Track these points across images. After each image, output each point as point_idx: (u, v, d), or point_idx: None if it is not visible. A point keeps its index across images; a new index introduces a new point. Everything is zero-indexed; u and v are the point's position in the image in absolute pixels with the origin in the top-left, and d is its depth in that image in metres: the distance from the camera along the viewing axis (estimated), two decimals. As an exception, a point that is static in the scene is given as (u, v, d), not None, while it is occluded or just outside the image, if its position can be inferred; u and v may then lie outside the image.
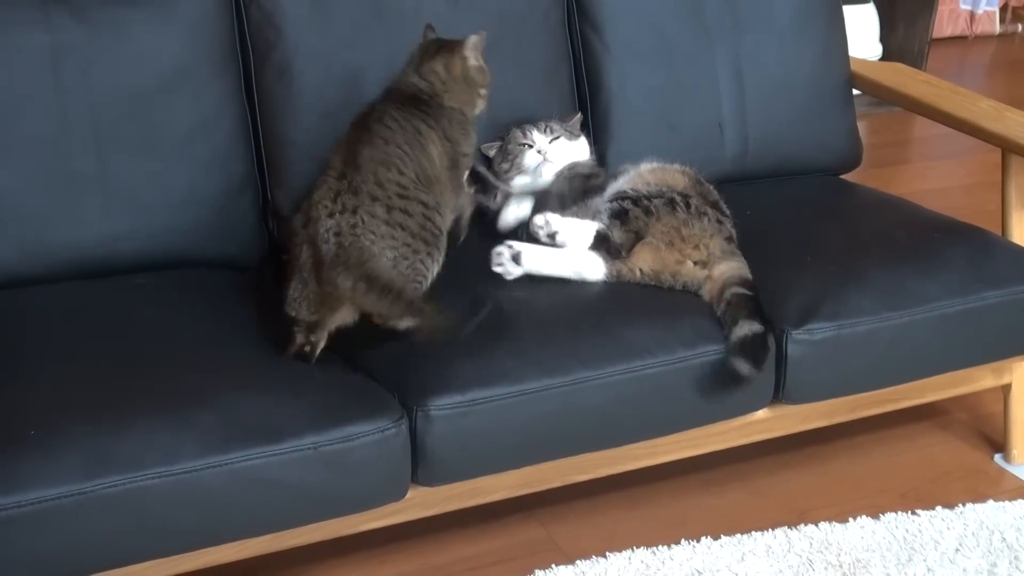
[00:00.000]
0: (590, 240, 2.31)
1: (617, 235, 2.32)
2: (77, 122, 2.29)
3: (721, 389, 2.22)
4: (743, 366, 2.21)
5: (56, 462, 1.81)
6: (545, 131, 2.50)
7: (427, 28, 2.34)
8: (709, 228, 2.34)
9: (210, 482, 1.88)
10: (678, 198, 2.36)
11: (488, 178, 2.47)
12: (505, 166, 2.50)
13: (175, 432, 1.89)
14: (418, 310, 2.08)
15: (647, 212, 2.33)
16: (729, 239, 2.38)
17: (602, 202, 2.40)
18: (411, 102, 2.24)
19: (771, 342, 2.26)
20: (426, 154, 2.20)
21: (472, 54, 2.28)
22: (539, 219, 2.33)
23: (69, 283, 2.29)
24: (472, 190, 2.38)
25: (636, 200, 2.36)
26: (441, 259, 2.19)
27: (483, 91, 2.31)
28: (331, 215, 2.09)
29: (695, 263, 2.32)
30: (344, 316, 2.11)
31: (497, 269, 2.28)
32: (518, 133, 2.51)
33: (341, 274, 2.06)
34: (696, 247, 2.32)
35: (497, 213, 2.49)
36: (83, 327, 2.15)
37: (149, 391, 1.96)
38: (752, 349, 2.22)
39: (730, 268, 2.32)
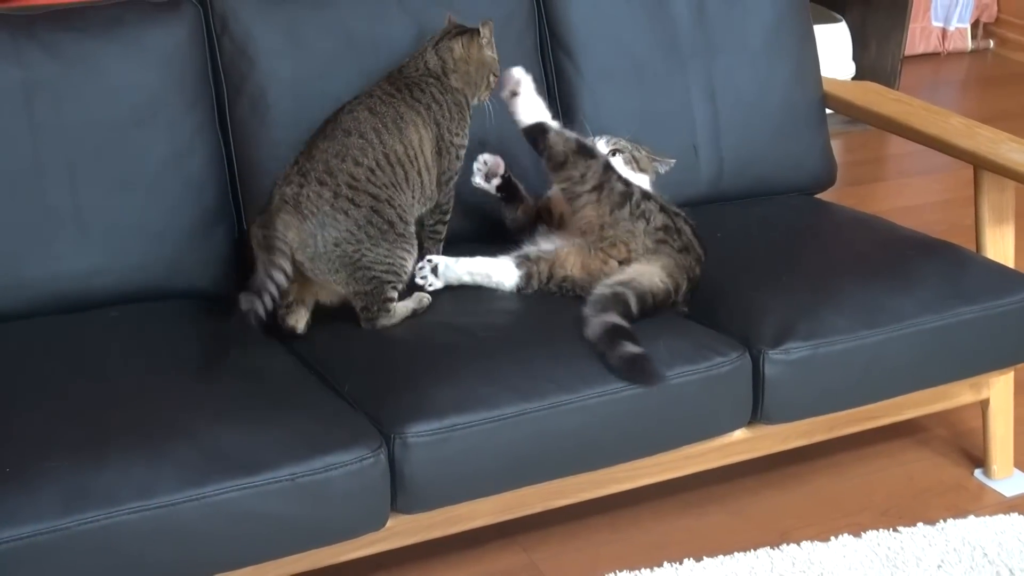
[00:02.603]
0: (532, 121, 2.32)
1: (554, 139, 2.32)
2: (51, 157, 2.29)
3: (636, 380, 2.16)
4: (630, 347, 2.15)
5: (32, 499, 1.81)
6: (611, 143, 2.51)
7: (448, 19, 2.41)
8: (639, 228, 2.33)
9: (188, 516, 1.87)
10: (638, 194, 2.35)
11: (519, 188, 2.47)
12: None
13: (152, 466, 1.88)
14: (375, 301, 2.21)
15: (597, 188, 2.32)
16: (661, 241, 2.35)
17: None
18: (408, 87, 2.33)
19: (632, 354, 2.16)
20: (402, 138, 2.27)
21: (484, 40, 2.36)
22: (515, 71, 2.35)
23: (45, 318, 2.29)
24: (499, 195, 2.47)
25: (606, 168, 2.35)
26: (405, 250, 2.25)
27: (492, 78, 2.39)
28: (281, 188, 2.22)
29: (620, 262, 2.33)
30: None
31: (420, 281, 2.34)
32: (595, 136, 2.52)
33: (280, 219, 2.17)
34: (614, 245, 2.33)
35: (513, 222, 2.49)
36: (59, 361, 2.15)
37: (125, 425, 1.95)
38: (617, 334, 2.18)
39: (642, 272, 2.31)
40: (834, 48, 4.80)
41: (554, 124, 2.36)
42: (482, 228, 2.55)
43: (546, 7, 2.74)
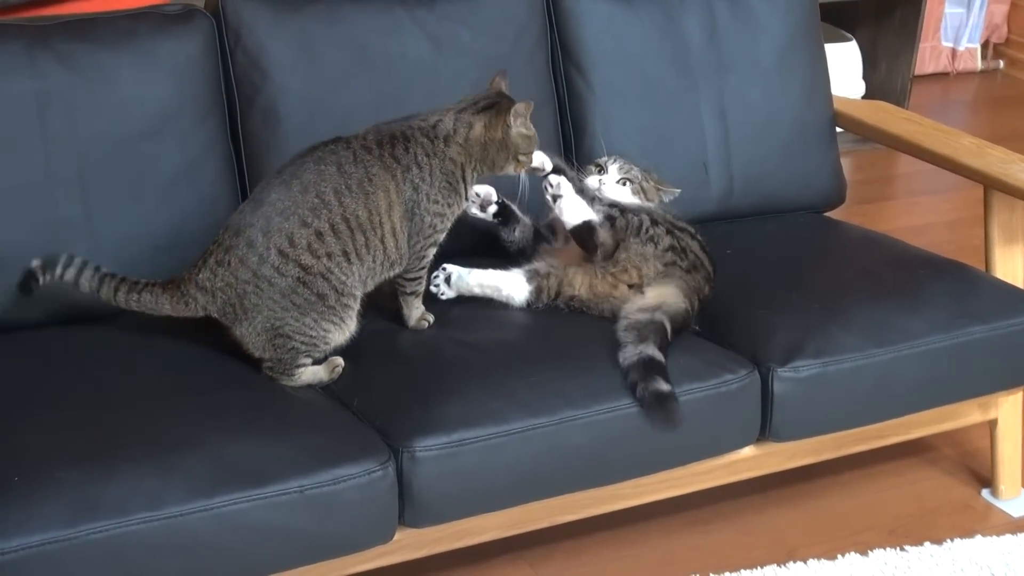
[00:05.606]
0: (579, 221, 2.35)
1: (603, 235, 2.35)
2: (62, 167, 2.29)
3: (656, 417, 2.16)
4: (661, 384, 2.17)
5: (41, 508, 1.81)
6: (622, 171, 2.51)
7: (499, 74, 2.30)
8: (648, 251, 2.35)
9: (196, 527, 1.87)
10: (646, 221, 2.38)
11: (515, 211, 2.47)
12: (577, 175, 2.54)
13: (160, 477, 1.88)
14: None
15: (626, 227, 2.36)
16: (670, 263, 2.36)
17: (597, 203, 2.43)
18: (392, 142, 2.18)
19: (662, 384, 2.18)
20: (367, 202, 2.14)
21: (517, 120, 2.23)
22: (553, 178, 2.36)
23: (55, 328, 2.29)
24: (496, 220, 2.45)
25: (623, 212, 2.39)
26: (332, 323, 2.15)
27: (523, 157, 2.26)
28: (213, 245, 2.15)
29: (629, 287, 2.33)
30: None
31: (433, 290, 2.35)
32: (607, 157, 2.54)
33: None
34: (626, 270, 2.34)
35: (512, 244, 2.49)
36: (69, 372, 2.15)
37: (134, 435, 1.95)
38: (652, 368, 2.18)
39: (665, 295, 2.31)
40: (844, 67, 4.81)
41: (595, 217, 2.37)
42: (492, 244, 2.56)
43: (558, 24, 2.75)
